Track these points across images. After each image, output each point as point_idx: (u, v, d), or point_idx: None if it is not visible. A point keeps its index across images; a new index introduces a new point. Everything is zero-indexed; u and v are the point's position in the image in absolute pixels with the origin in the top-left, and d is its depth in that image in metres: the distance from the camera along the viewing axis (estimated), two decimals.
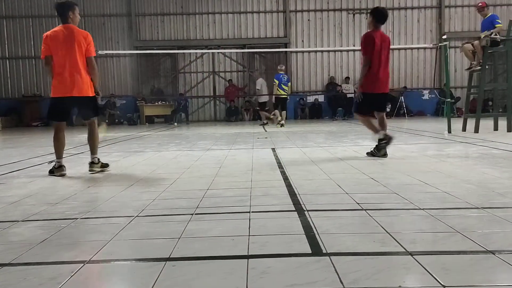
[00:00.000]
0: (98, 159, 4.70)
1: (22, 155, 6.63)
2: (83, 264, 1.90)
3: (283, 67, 13.29)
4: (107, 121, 17.17)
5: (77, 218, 2.71)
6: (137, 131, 12.54)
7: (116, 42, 18.15)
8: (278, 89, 12.58)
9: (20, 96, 18.01)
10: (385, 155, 5.23)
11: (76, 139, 9.71)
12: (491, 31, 8.41)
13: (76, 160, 5.92)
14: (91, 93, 4.59)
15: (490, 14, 8.82)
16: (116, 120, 17.53)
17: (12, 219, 2.73)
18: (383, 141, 5.29)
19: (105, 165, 4.75)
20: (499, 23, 8.53)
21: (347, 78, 17.94)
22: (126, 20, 18.15)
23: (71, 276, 1.76)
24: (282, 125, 12.44)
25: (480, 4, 8.87)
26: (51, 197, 3.38)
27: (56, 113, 4.68)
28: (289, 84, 13.14)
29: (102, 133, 5.86)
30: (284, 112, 12.89)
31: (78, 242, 2.25)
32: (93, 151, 4.68)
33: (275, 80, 12.69)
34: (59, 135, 4.61)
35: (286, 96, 12.91)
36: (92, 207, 3.00)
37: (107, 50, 16.71)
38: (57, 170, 4.49)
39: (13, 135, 12.03)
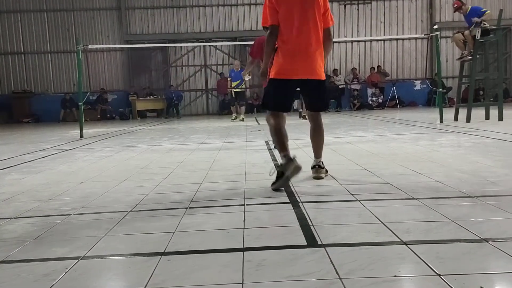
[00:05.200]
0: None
1: (13, 151, 6.57)
2: (77, 260, 1.88)
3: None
4: (98, 116, 17.08)
5: (70, 214, 2.69)
6: (129, 126, 12.47)
7: (106, 36, 17.99)
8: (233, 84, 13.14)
9: (10, 92, 17.80)
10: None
11: (68, 135, 9.64)
12: (481, 18, 8.41)
13: (69, 156, 5.87)
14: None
15: (469, 8, 8.82)
16: (108, 115, 17.42)
17: (5, 216, 2.71)
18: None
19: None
20: (486, 11, 8.56)
21: (335, 70, 17.94)
22: (116, 14, 17.97)
23: (66, 273, 1.75)
24: (241, 120, 12.83)
25: (455, 5, 8.84)
26: (43, 194, 3.35)
27: None
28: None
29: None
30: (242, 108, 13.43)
31: (71, 238, 2.23)
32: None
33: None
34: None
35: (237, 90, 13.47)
36: (85, 203, 2.98)
37: (97, 45, 16.54)
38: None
39: (4, 132, 11.91)
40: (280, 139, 3.41)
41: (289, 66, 3.28)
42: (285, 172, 3.14)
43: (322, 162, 3.56)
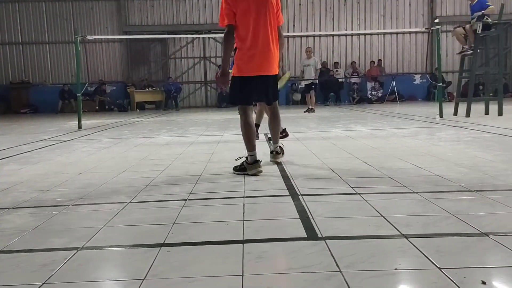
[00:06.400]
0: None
1: (11, 142, 6.54)
2: (76, 251, 1.87)
3: None
4: (97, 108, 17.01)
5: (69, 205, 2.68)
6: (127, 118, 12.43)
7: (105, 27, 17.87)
8: None
9: (7, 83, 17.70)
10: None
11: (66, 126, 9.60)
12: (482, 12, 8.37)
13: (67, 147, 5.85)
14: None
15: None
16: (106, 107, 17.35)
17: (3, 207, 2.69)
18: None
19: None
20: (490, 5, 8.51)
21: (336, 63, 17.88)
22: (114, 5, 17.84)
23: (64, 263, 1.74)
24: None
25: None
26: (42, 184, 3.34)
27: None
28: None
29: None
30: None
31: (70, 228, 2.22)
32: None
33: None
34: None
35: None
36: (84, 194, 2.97)
37: (96, 35, 16.44)
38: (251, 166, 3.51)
39: (2, 123, 11.86)
40: (248, 137, 3.61)
41: (250, 64, 3.52)
42: (247, 171, 3.48)
43: (280, 147, 3.99)
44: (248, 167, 3.49)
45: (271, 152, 3.98)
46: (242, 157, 3.66)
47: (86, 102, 15.96)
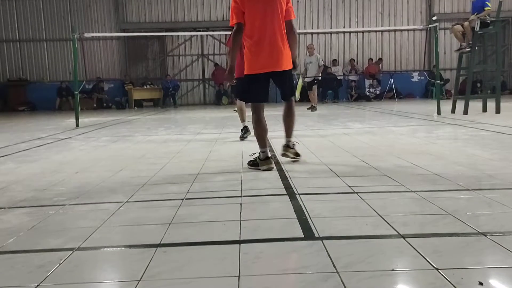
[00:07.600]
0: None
1: (8, 140, 6.51)
2: (72, 251, 1.86)
3: None
4: (95, 105, 16.96)
5: (66, 205, 2.66)
6: (125, 115, 12.40)
7: (103, 24, 17.79)
8: None
9: (5, 80, 17.63)
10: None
11: (63, 124, 9.57)
12: (479, 15, 8.38)
13: (64, 145, 5.83)
14: None
15: None
16: (104, 104, 17.30)
17: None
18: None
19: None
20: (489, 6, 8.50)
21: (334, 60, 17.85)
22: (112, 2, 17.75)
23: (60, 264, 1.73)
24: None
25: None
26: (38, 183, 3.32)
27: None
28: None
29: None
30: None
31: (66, 228, 2.21)
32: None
33: None
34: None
35: None
36: (80, 193, 2.95)
37: (93, 33, 16.37)
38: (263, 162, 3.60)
39: None
40: (260, 133, 3.68)
41: (259, 61, 3.57)
42: (259, 166, 3.60)
43: (293, 144, 3.93)
44: (260, 162, 3.61)
45: (284, 145, 3.95)
46: (256, 153, 3.73)
47: (84, 100, 15.90)
